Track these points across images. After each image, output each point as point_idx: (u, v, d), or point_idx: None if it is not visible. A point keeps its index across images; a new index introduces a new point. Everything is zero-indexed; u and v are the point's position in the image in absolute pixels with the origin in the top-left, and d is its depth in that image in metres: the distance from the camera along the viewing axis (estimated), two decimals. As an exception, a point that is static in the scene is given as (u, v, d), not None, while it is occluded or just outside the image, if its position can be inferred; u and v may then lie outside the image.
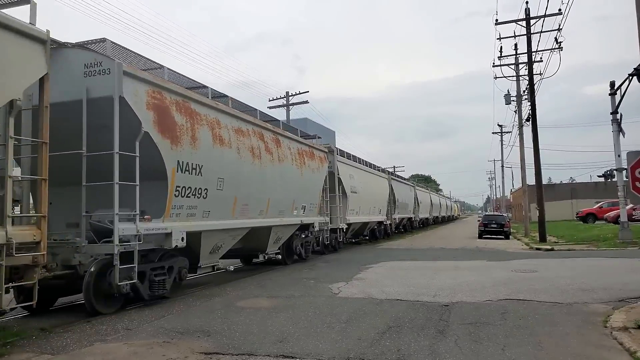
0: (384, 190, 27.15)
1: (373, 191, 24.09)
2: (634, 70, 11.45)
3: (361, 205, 21.51)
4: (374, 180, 24.87)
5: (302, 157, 14.72)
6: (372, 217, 24.33)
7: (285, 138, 13.91)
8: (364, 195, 21.88)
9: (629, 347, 5.20)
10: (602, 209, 37.31)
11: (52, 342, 6.04)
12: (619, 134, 18.43)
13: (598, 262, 13.92)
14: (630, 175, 8.02)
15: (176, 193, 8.64)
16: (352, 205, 19.87)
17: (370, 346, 5.56)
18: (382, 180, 26.91)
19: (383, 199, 26.56)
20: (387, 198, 27.48)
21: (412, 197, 37.63)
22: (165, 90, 8.71)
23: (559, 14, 23.03)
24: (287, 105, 34.92)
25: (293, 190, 13.89)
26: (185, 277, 9.55)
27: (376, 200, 24.79)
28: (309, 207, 15.29)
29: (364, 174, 22.63)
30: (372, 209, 24.04)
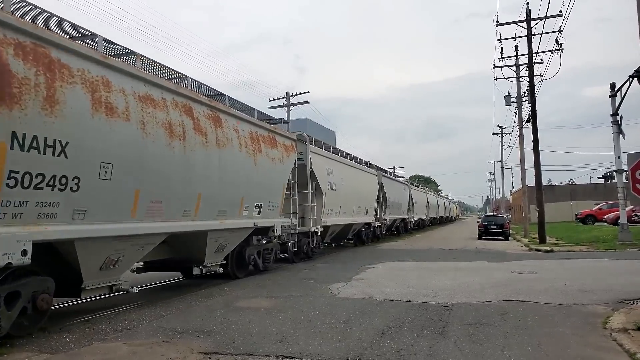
0: (372, 188, 24.26)
1: (358, 189, 21.07)
2: (634, 72, 11.47)
3: (342, 205, 18.65)
4: (360, 177, 21.87)
5: (256, 143, 11.44)
6: (357, 218, 21.35)
7: (232, 117, 10.58)
8: (346, 193, 19.01)
9: (629, 348, 5.20)
10: (602, 210, 37.33)
11: (51, 342, 6.04)
12: (619, 135, 18.44)
13: (597, 263, 13.93)
14: (630, 176, 8.03)
15: (10, 182, 5.58)
16: (330, 205, 17.03)
17: (370, 347, 5.56)
18: (369, 177, 23.89)
19: (371, 198, 23.69)
20: (375, 197, 24.76)
21: (406, 197, 35.06)
22: None
23: (560, 15, 23.06)
24: (288, 106, 34.94)
25: (242, 184, 10.65)
26: (47, 307, 6.48)
27: (362, 199, 21.80)
28: (267, 206, 12.06)
29: (346, 169, 19.60)
30: (357, 209, 21.05)
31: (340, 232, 20.19)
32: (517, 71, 28.32)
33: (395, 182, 31.67)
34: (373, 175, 24.79)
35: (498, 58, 28.21)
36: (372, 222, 24.12)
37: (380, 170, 26.93)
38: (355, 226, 21.89)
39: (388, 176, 29.35)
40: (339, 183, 18.16)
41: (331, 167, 17.64)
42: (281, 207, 13.20)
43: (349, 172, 19.91)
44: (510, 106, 30.95)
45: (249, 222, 11.32)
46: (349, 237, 22.58)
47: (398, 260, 15.79)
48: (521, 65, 27.96)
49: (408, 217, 35.75)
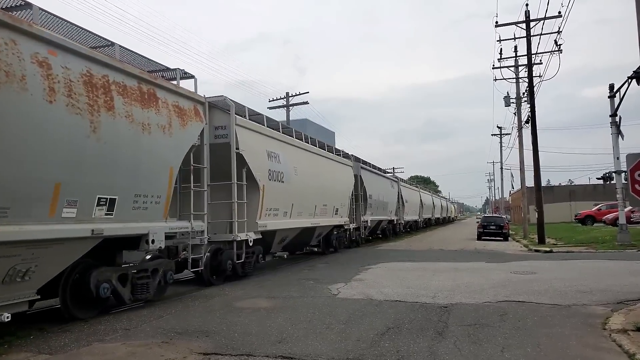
0: (346, 182, 19.65)
1: (324, 182, 16.50)
2: (633, 73, 11.47)
3: (296, 203, 14.17)
4: (326, 167, 17.22)
5: (102, 95, 7.05)
6: (322, 220, 16.47)
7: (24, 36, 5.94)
8: (304, 187, 14.59)
9: (628, 349, 5.20)
10: (601, 211, 37.37)
11: (50, 342, 6.03)
12: (618, 136, 18.45)
13: (596, 264, 13.93)
14: (629, 177, 8.03)
15: None
16: (273, 202, 12.55)
17: (370, 347, 5.55)
18: (342, 169, 19.28)
19: (343, 195, 19.01)
20: (350, 193, 20.12)
21: (394, 195, 30.52)
22: None
23: (559, 16, 23.08)
24: (287, 106, 34.93)
25: (57, 161, 6.27)
26: None
27: (330, 196, 17.17)
28: (130, 201, 7.69)
29: (303, 156, 15.09)
30: (322, 208, 16.40)
31: (297, 238, 15.24)
32: (516, 72, 28.38)
33: (379, 177, 26.97)
34: (347, 167, 20.22)
35: (497, 59, 28.31)
36: (345, 224, 19.61)
37: (359, 162, 22.68)
38: (320, 230, 16.97)
39: (370, 169, 24.68)
40: (291, 173, 13.58)
41: (276, 150, 12.86)
42: (165, 206, 8.51)
43: (308, 159, 15.39)
44: (510, 107, 31.04)
45: (78, 228, 6.66)
46: (313, 243, 17.69)
47: (397, 261, 15.78)
48: (520, 66, 28.03)
49: (397, 218, 31.41)
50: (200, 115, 9.76)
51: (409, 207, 36.08)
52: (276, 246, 14.07)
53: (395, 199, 30.63)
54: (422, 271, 12.67)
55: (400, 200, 32.36)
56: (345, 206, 19.46)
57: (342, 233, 20.02)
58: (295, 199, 14.13)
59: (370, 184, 23.69)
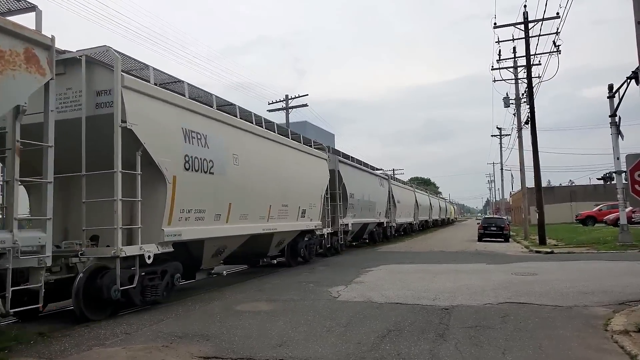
0: (318, 177, 16.40)
1: (283, 177, 13.25)
2: (632, 73, 11.48)
3: (236, 202, 10.58)
4: (290, 159, 14.00)
5: None
6: (282, 225, 13.22)
7: None
8: (248, 182, 11.13)
9: (630, 350, 5.18)
10: (602, 211, 37.34)
11: (51, 347, 6.01)
12: (618, 136, 18.44)
13: (598, 265, 13.90)
14: (629, 177, 8.02)
15: None
16: (191, 201, 9.11)
17: (370, 350, 5.54)
18: (312, 162, 16.04)
19: (313, 194, 15.70)
20: (322, 191, 16.68)
21: (384, 194, 27.42)
22: None
23: (557, 17, 23.12)
24: (287, 109, 34.96)
25: None
26: None
27: (292, 195, 13.74)
28: None
29: (248, 140, 11.54)
30: (281, 209, 13.16)
31: (245, 249, 11.93)
32: (515, 73, 28.40)
33: (364, 173, 23.43)
34: (320, 160, 16.88)
35: (496, 60, 28.29)
36: (317, 228, 16.26)
37: (338, 155, 19.73)
38: (281, 237, 13.83)
39: (351, 164, 21.32)
40: (227, 162, 10.26)
41: (202, 129, 9.56)
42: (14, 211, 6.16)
43: (258, 146, 11.96)
44: (509, 108, 31.04)
45: None
46: (274, 253, 14.15)
47: (397, 263, 15.76)
48: (519, 67, 28.06)
49: (387, 220, 28.31)
50: (39, 64, 6.42)
51: (402, 208, 33.00)
52: (210, 260, 10.49)
53: (385, 199, 27.43)
54: (422, 273, 12.65)
55: (392, 201, 29.29)
56: (317, 207, 16.05)
57: (315, 239, 16.53)
58: (235, 197, 10.53)
59: (351, 181, 20.16)
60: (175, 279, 9.00)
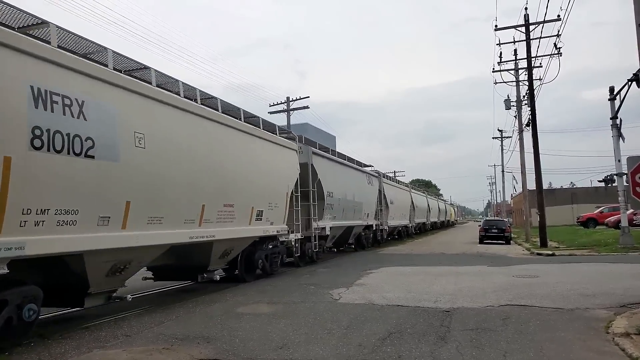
0: (283, 171, 13.31)
1: (226, 168, 10.23)
2: (633, 75, 11.46)
3: (139, 200, 7.60)
4: (237, 145, 10.92)
5: None
6: (224, 231, 10.19)
7: None
8: (162, 172, 8.18)
9: (631, 353, 5.17)
10: (603, 214, 37.30)
11: (51, 349, 6.00)
12: (619, 139, 18.42)
13: (599, 267, 13.88)
14: (630, 180, 8.02)
15: None
16: (46, 198, 6.02)
17: (371, 352, 5.53)
18: (274, 152, 12.90)
19: (275, 191, 12.60)
20: (289, 189, 13.60)
21: (374, 194, 24.42)
22: None
23: (558, 19, 23.12)
24: (288, 111, 34.98)
25: None
26: None
27: (240, 191, 10.77)
28: None
29: (164, 115, 8.44)
30: (223, 211, 10.15)
31: (169, 261, 9.92)
32: (516, 75, 28.39)
33: (347, 168, 20.37)
34: (288, 150, 13.78)
35: (497, 62, 28.33)
36: (279, 233, 13.13)
37: (310, 145, 16.41)
38: (225, 246, 10.61)
39: (330, 157, 18.05)
40: (125, 143, 7.32)
41: (72, 90, 6.47)
42: None
43: (180, 123, 8.81)
44: (510, 110, 31.02)
45: None
46: (216, 267, 10.85)
47: (398, 265, 15.74)
48: (520, 70, 28.05)
49: (377, 222, 25.33)
50: None
51: (396, 209, 29.87)
52: (105, 281, 7.54)
53: (374, 199, 24.52)
54: (423, 275, 12.63)
55: (384, 201, 26.47)
56: (280, 208, 12.94)
57: (280, 247, 13.66)
58: (137, 193, 7.53)
59: (329, 177, 17.14)
60: (26, 311, 6.08)
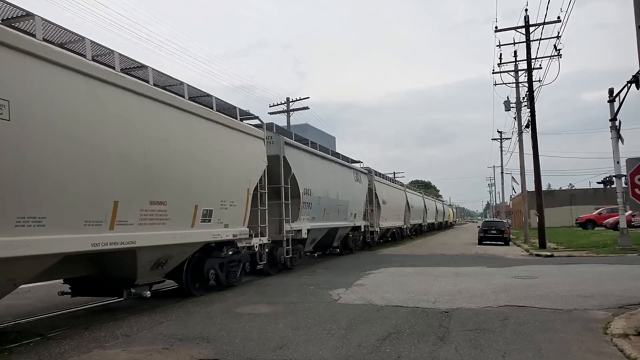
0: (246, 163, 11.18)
1: (164, 154, 8.28)
2: (632, 77, 11.48)
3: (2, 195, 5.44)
4: (180, 129, 8.80)
5: None
6: (158, 235, 8.13)
7: None
8: (65, 159, 6.30)
9: (630, 354, 5.19)
10: (602, 215, 37.33)
11: (50, 349, 6.01)
12: (618, 140, 18.44)
13: (598, 268, 13.91)
14: (629, 181, 8.04)
15: None
16: None
17: (371, 353, 5.54)
18: (235, 139, 10.81)
19: (234, 188, 10.58)
20: (251, 185, 11.29)
21: (362, 192, 22.23)
22: None
23: (558, 21, 23.16)
24: (288, 112, 35.01)
25: None
26: None
27: (180, 186, 8.67)
28: None
29: (65, 82, 6.37)
30: (149, 210, 7.91)
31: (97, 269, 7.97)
32: (516, 77, 28.41)
33: (330, 163, 18.04)
34: (249, 138, 11.49)
35: (497, 64, 28.33)
36: (236, 237, 10.80)
37: (280, 133, 14.11)
38: (153, 255, 8.33)
39: (307, 149, 15.78)
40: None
41: None
42: None
43: (75, 91, 6.58)
44: (510, 111, 31.03)
45: None
46: (143, 279, 8.44)
47: (398, 265, 15.75)
48: (520, 71, 28.06)
49: (367, 224, 23.17)
50: None
51: (390, 210, 27.77)
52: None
53: (363, 198, 22.28)
54: (423, 276, 12.64)
55: (375, 201, 24.29)
56: (239, 207, 10.76)
57: (242, 254, 11.40)
58: None
59: (306, 172, 15.10)
60: None
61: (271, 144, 13.14)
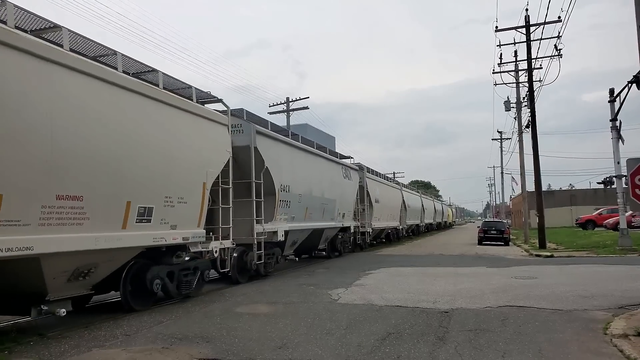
0: (203, 151, 9.59)
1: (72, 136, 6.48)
2: (633, 77, 11.48)
3: None
4: (88, 99, 6.81)
5: None
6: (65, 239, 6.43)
7: None
8: None
9: (629, 354, 5.19)
10: (602, 215, 37.31)
11: (50, 348, 6.01)
12: (619, 140, 18.44)
13: (597, 268, 13.91)
14: (630, 182, 8.03)
15: None
16: None
17: (370, 353, 5.54)
18: (187, 122, 9.15)
19: (185, 181, 8.97)
20: (209, 178, 9.75)
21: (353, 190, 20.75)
22: None
23: (559, 21, 23.13)
24: (287, 111, 35.00)
25: None
26: None
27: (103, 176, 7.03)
28: None
29: None
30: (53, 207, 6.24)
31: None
32: (516, 77, 28.40)
33: (313, 157, 16.26)
34: (211, 124, 10.04)
35: (497, 64, 28.28)
36: (187, 241, 9.16)
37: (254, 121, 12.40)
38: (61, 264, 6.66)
39: (286, 140, 14.04)
40: None
41: None
42: None
43: None
44: (510, 112, 31.03)
45: None
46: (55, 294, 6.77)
47: (398, 266, 15.75)
48: (520, 71, 28.04)
49: (357, 224, 21.76)
50: None
51: (383, 209, 26.15)
52: None
53: (353, 197, 20.85)
54: (422, 276, 12.64)
55: (367, 199, 22.85)
56: (192, 204, 9.17)
57: (202, 261, 10.04)
58: None
59: (285, 166, 13.54)
60: None
61: (240, 133, 11.62)
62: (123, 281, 8.19)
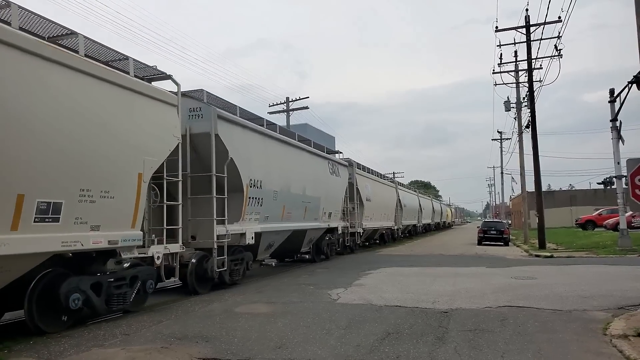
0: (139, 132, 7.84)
1: None
2: (633, 77, 11.48)
3: None
4: None
5: None
6: None
7: None
8: None
9: (629, 354, 5.19)
10: (602, 216, 37.31)
11: (50, 347, 6.01)
12: (619, 141, 18.44)
13: (597, 269, 13.90)
14: (630, 182, 8.03)
15: None
16: None
17: (369, 352, 5.54)
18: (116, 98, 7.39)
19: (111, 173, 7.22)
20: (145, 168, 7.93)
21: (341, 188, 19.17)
22: None
23: (559, 21, 23.11)
24: (287, 111, 34.99)
25: None
26: None
27: None
28: None
29: None
30: None
31: None
32: (516, 77, 28.41)
33: (296, 150, 14.79)
34: (153, 102, 8.32)
35: (497, 64, 28.29)
36: (114, 245, 7.35)
37: (218, 105, 10.95)
38: None
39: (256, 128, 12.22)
40: None
41: None
42: None
43: None
44: (510, 112, 31.03)
45: None
46: None
47: (397, 265, 15.75)
48: (520, 71, 28.06)
49: (346, 225, 20.24)
50: None
51: (377, 208, 24.82)
52: None
53: (341, 194, 19.19)
54: (422, 276, 12.64)
55: (356, 198, 21.47)
56: (123, 200, 7.54)
57: (141, 269, 8.36)
58: None
59: (255, 157, 11.83)
60: None
61: (199, 118, 10.12)
62: (28, 297, 6.58)
